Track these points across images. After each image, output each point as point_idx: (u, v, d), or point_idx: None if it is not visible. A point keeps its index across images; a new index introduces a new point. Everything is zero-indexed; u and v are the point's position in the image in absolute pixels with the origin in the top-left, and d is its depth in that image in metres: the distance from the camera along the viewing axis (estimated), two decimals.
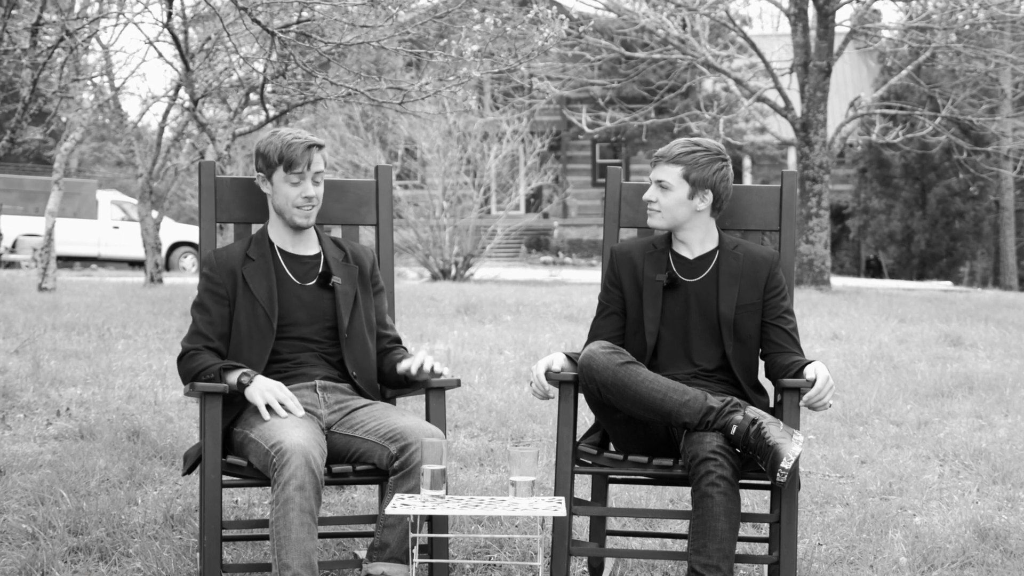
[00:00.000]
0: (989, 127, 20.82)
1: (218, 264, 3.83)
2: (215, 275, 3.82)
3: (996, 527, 4.51)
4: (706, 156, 3.84)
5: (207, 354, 3.74)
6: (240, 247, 3.88)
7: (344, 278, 3.88)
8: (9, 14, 6.19)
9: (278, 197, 3.82)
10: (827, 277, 17.89)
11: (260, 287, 3.80)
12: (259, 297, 3.79)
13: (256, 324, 3.78)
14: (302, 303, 3.83)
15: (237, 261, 3.83)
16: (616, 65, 23.30)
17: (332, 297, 3.86)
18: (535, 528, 4.40)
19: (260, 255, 3.85)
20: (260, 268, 3.83)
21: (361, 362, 3.87)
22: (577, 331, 9.61)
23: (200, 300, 3.82)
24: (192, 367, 3.73)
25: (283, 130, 3.83)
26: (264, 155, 3.81)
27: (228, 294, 3.80)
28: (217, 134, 11.64)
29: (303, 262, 3.88)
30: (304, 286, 3.84)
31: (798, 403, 3.68)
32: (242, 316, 3.78)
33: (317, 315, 3.84)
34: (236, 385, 3.64)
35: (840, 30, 18.89)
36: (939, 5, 18.66)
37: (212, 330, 3.78)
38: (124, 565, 4.00)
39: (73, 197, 23.34)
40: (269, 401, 3.60)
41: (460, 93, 15.81)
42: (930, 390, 7.21)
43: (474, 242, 20.65)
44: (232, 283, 3.81)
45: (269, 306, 3.78)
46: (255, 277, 3.81)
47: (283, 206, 3.82)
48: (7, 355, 7.48)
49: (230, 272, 3.81)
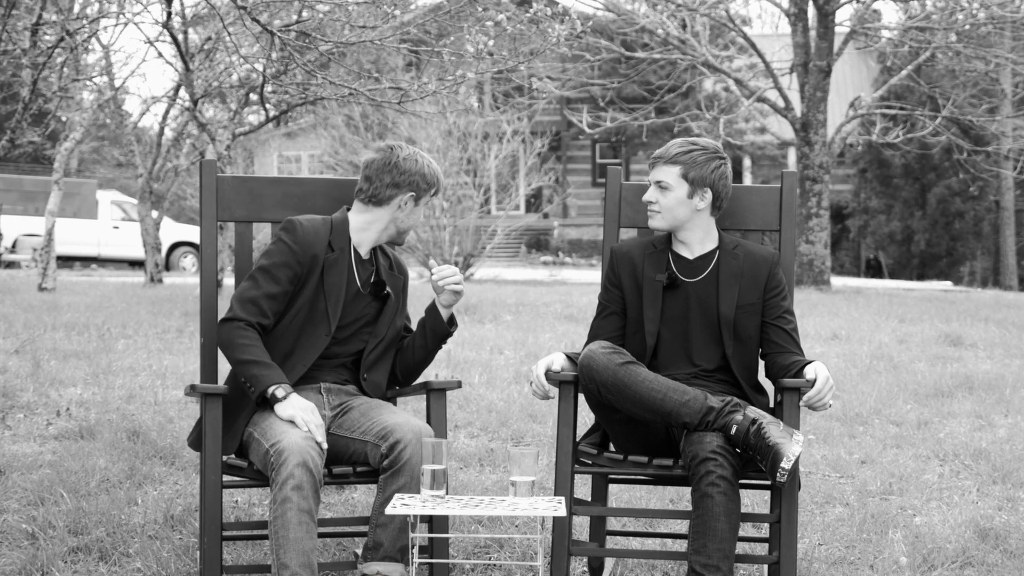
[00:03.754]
0: (989, 127, 20.83)
1: (306, 240, 3.70)
2: (299, 250, 3.69)
3: (996, 527, 4.51)
4: (704, 155, 3.84)
5: (254, 334, 3.62)
6: (324, 229, 3.75)
7: (393, 288, 3.86)
8: (9, 14, 6.19)
9: (413, 218, 3.82)
10: (827, 277, 17.88)
11: (333, 286, 3.73)
12: (328, 294, 3.72)
13: (312, 321, 3.71)
14: (355, 310, 3.79)
15: (322, 245, 3.72)
16: (616, 65, 23.32)
17: (380, 308, 3.84)
18: (535, 528, 4.40)
19: (340, 249, 3.77)
20: (339, 264, 3.75)
21: (377, 371, 3.86)
22: (577, 331, 9.61)
23: (272, 268, 3.67)
24: (237, 344, 3.59)
25: (426, 155, 3.82)
26: (426, 178, 3.79)
27: (303, 273, 3.70)
28: (217, 134, 11.64)
29: (365, 267, 3.83)
30: (360, 292, 3.80)
31: (798, 403, 3.68)
32: (304, 307, 3.71)
33: (361, 323, 3.81)
34: (269, 395, 3.57)
35: (840, 30, 18.89)
36: (939, 5, 18.66)
37: (272, 305, 3.67)
38: (124, 565, 4.00)
39: (73, 197, 23.34)
40: (297, 422, 3.53)
41: (461, 92, 15.82)
42: (930, 390, 7.21)
43: (474, 242, 20.65)
44: (311, 267, 3.70)
45: (334, 310, 3.72)
46: (332, 272, 3.73)
47: (412, 227, 3.85)
48: (7, 355, 7.48)
49: (313, 256, 3.70)
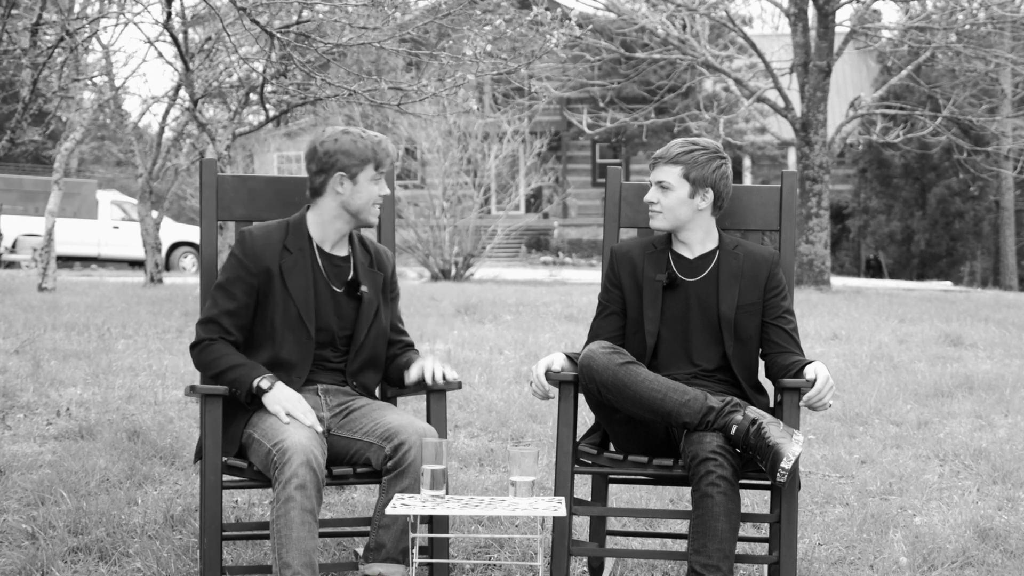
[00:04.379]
0: (989, 127, 20.83)
1: (254, 251, 3.67)
2: (250, 263, 3.66)
3: (996, 527, 4.51)
4: (704, 154, 3.84)
5: (224, 344, 3.63)
6: (278, 234, 3.71)
7: (370, 286, 3.79)
8: (9, 14, 6.19)
9: (360, 196, 3.69)
10: (827, 277, 17.88)
11: (297, 286, 3.68)
12: (295, 297, 3.67)
13: (289, 325, 3.67)
14: (332, 308, 3.74)
15: (275, 251, 3.68)
16: (616, 65, 23.32)
17: (357, 307, 3.78)
18: (535, 528, 4.40)
19: (299, 249, 3.71)
20: (299, 265, 3.69)
21: (364, 374, 3.83)
22: (577, 331, 9.61)
23: (227, 284, 3.66)
24: (211, 360, 3.61)
25: (356, 130, 3.72)
26: (350, 153, 3.66)
27: (260, 286, 3.66)
28: (217, 134, 11.63)
29: (336, 264, 3.77)
30: (333, 291, 3.74)
31: (798, 403, 3.68)
32: (277, 315, 3.67)
33: (342, 323, 3.76)
34: (255, 388, 3.56)
35: (840, 30, 18.89)
36: (939, 5, 18.67)
37: (232, 321, 3.65)
38: (124, 565, 4.00)
39: (73, 197, 23.34)
40: (282, 417, 3.54)
41: (461, 93, 15.81)
42: (930, 390, 7.21)
43: (474, 242, 20.66)
44: (267, 276, 3.66)
45: (306, 310, 3.68)
46: (293, 274, 3.68)
47: (363, 205, 3.71)
48: (7, 355, 7.48)
49: (266, 266, 3.66)
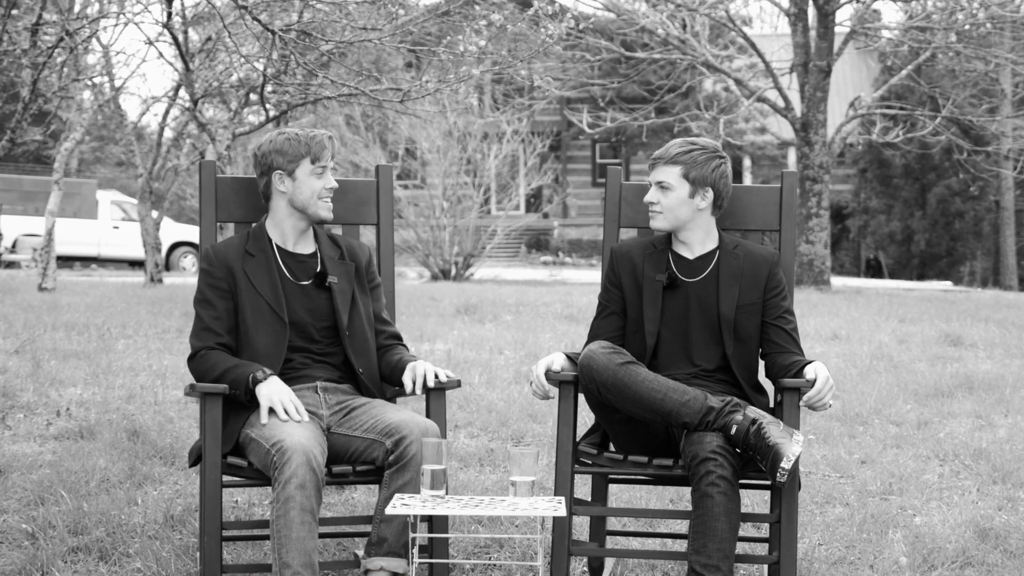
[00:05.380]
0: (989, 127, 20.83)
1: (217, 260, 3.81)
2: (215, 270, 3.80)
3: (996, 527, 4.50)
4: (704, 154, 3.84)
5: (219, 352, 3.73)
6: (238, 242, 3.86)
7: (340, 276, 3.87)
8: (9, 14, 6.19)
9: (302, 191, 3.80)
10: (827, 277, 17.88)
11: (263, 283, 3.79)
12: (263, 293, 3.78)
13: (262, 319, 3.77)
14: (302, 302, 3.83)
15: (236, 257, 3.81)
16: (616, 65, 23.32)
17: (329, 297, 3.85)
18: (535, 528, 4.40)
19: (260, 251, 3.83)
20: (261, 264, 3.81)
21: (365, 359, 3.87)
22: (577, 331, 9.61)
23: (203, 296, 3.80)
24: (207, 368, 3.71)
25: (291, 129, 3.84)
26: (283, 151, 3.79)
27: (230, 288, 3.79)
28: (217, 134, 11.63)
29: (300, 260, 3.87)
30: (301, 285, 3.84)
31: (798, 403, 3.68)
32: (248, 312, 3.77)
33: (317, 314, 3.83)
34: (250, 381, 3.62)
35: (840, 30, 18.89)
36: (939, 5, 18.68)
37: (220, 325, 3.77)
38: (124, 565, 4.00)
39: (73, 197, 23.34)
40: (275, 404, 3.59)
41: (461, 91, 15.82)
42: (930, 390, 7.20)
43: (474, 242, 20.66)
44: (232, 279, 3.79)
45: (275, 302, 3.78)
46: (256, 273, 3.80)
47: (308, 200, 3.81)
48: (7, 355, 7.48)
49: (230, 268, 3.80)
